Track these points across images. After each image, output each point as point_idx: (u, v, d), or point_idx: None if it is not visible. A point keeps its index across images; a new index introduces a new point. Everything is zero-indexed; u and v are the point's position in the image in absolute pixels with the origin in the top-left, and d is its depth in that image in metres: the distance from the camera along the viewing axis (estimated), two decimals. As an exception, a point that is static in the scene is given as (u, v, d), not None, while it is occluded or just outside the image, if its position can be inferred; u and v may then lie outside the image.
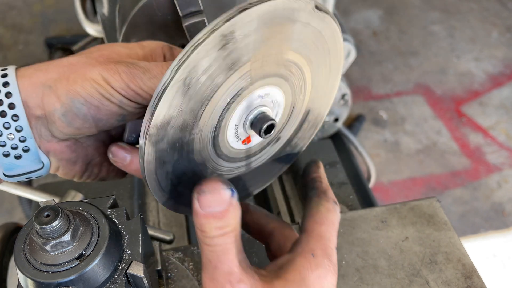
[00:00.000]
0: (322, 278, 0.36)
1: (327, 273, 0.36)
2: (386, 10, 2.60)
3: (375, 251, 0.51)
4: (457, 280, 0.48)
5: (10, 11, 2.56)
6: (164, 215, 0.63)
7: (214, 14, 0.50)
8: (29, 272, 0.32)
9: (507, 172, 1.86)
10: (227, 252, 0.32)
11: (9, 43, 2.36)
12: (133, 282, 0.35)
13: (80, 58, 0.37)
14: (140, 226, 0.37)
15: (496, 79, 2.24)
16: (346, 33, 0.97)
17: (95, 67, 0.36)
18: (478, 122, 2.04)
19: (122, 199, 0.58)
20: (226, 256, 0.32)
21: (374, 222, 0.54)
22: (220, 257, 0.32)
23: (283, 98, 0.40)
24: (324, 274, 0.36)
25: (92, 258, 0.33)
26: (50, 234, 0.31)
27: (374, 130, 2.01)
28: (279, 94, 0.39)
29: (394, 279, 0.48)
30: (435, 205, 0.56)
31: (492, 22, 2.53)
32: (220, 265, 0.32)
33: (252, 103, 0.37)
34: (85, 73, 0.36)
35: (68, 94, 0.35)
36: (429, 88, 2.19)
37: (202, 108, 0.34)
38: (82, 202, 0.37)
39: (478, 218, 1.72)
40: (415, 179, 1.83)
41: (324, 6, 0.36)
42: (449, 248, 0.51)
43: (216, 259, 0.32)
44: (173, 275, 0.49)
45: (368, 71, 2.26)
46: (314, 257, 0.36)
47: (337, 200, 0.63)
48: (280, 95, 0.39)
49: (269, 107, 0.38)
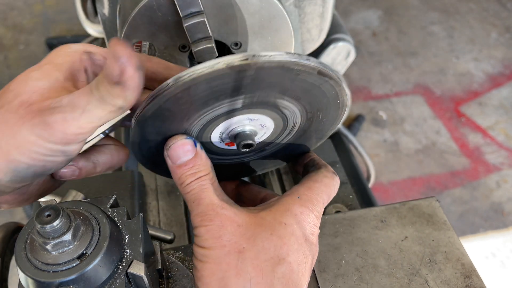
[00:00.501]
0: (304, 214, 0.39)
1: (310, 212, 0.39)
2: (386, 11, 2.60)
3: (375, 250, 0.51)
4: (456, 279, 0.48)
5: (11, 11, 2.56)
6: (164, 215, 0.63)
7: (215, 15, 0.50)
8: (30, 271, 0.32)
9: (506, 172, 1.86)
10: (205, 190, 0.37)
11: (9, 43, 2.36)
12: (133, 281, 0.35)
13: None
14: (140, 225, 0.38)
15: (495, 79, 2.24)
16: (345, 33, 0.97)
17: (23, 126, 0.32)
18: (477, 122, 2.05)
19: (123, 198, 0.58)
20: (205, 193, 0.37)
21: (374, 222, 0.54)
22: (200, 195, 0.37)
23: (272, 124, 0.43)
24: (307, 212, 0.39)
25: (93, 258, 0.33)
26: (51, 233, 0.32)
27: (373, 130, 2.01)
28: (269, 121, 0.42)
29: (393, 279, 0.48)
30: (434, 205, 0.56)
31: (492, 22, 2.54)
32: (202, 200, 0.37)
33: (240, 122, 0.41)
34: (15, 136, 0.32)
35: (9, 165, 0.33)
36: (429, 88, 2.19)
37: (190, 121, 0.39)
38: (83, 202, 0.37)
39: (478, 217, 1.72)
40: (415, 179, 1.84)
41: (328, 71, 0.38)
42: (448, 247, 0.51)
43: (197, 198, 0.37)
44: (174, 274, 0.49)
45: (367, 71, 2.26)
46: (299, 199, 0.40)
47: (337, 200, 0.63)
48: (270, 121, 0.42)
49: (256, 129, 0.42)
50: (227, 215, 0.37)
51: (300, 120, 0.43)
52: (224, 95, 0.37)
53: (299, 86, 0.38)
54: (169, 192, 0.66)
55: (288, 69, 0.35)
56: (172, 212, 0.63)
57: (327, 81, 0.39)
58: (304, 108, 0.42)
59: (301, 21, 0.63)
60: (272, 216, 0.38)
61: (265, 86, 0.37)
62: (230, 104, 0.38)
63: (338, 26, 0.97)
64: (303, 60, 0.35)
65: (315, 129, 0.46)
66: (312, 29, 0.64)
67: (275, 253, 0.36)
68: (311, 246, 0.39)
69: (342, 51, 0.97)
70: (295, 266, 0.37)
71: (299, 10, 0.61)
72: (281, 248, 0.36)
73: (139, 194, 0.60)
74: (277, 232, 0.37)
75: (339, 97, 0.42)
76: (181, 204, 0.65)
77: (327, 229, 0.53)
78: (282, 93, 0.39)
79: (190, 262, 0.51)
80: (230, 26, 0.52)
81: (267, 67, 0.34)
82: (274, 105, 0.40)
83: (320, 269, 0.49)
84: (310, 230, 0.39)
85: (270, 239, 0.37)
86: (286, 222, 0.38)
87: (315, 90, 0.39)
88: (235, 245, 0.36)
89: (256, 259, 0.36)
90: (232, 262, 0.35)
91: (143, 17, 0.48)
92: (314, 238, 0.40)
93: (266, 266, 0.36)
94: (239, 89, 0.36)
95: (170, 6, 0.47)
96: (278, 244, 0.37)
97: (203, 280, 0.36)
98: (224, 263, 0.35)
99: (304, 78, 0.37)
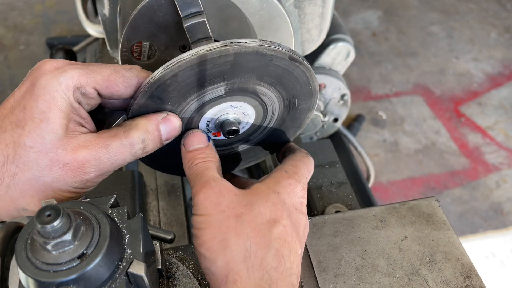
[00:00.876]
0: (293, 186, 0.44)
1: (297, 184, 0.44)
2: (385, 11, 2.60)
3: (374, 250, 0.51)
4: (456, 279, 0.49)
5: (12, 12, 2.56)
6: (164, 215, 0.63)
7: (215, 15, 0.50)
8: (31, 271, 0.32)
9: (506, 172, 1.86)
10: (210, 168, 0.42)
11: (10, 43, 2.36)
12: (134, 281, 0.35)
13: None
14: (141, 225, 0.38)
15: (495, 79, 2.24)
16: (345, 33, 0.97)
17: (63, 182, 0.38)
18: (477, 122, 2.05)
19: (123, 198, 0.58)
20: (209, 170, 0.42)
21: (374, 222, 0.54)
22: (203, 171, 0.42)
23: (253, 112, 0.48)
24: (295, 184, 0.44)
25: (93, 258, 0.33)
26: (51, 233, 0.32)
27: (373, 130, 2.01)
28: (250, 108, 0.47)
29: (393, 278, 0.48)
30: (434, 205, 0.56)
31: (491, 22, 2.54)
32: (205, 174, 0.42)
33: (224, 110, 0.45)
34: (54, 185, 0.38)
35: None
36: (428, 88, 2.19)
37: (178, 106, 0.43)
38: (83, 202, 0.37)
39: (477, 217, 1.72)
40: (414, 178, 1.84)
41: (298, 57, 0.43)
42: (448, 247, 0.51)
43: (201, 173, 0.42)
44: (174, 274, 0.49)
45: (367, 71, 2.27)
46: (286, 173, 0.45)
47: (337, 200, 0.63)
48: (251, 109, 0.47)
49: (239, 116, 0.47)
50: (226, 186, 0.41)
51: (278, 107, 0.48)
52: (208, 82, 0.41)
53: (274, 71, 0.43)
54: (169, 192, 0.66)
55: (262, 55, 0.40)
56: (172, 212, 0.64)
57: (298, 66, 0.43)
58: (281, 95, 0.46)
59: (301, 21, 0.63)
60: (265, 186, 0.42)
61: (244, 72, 0.42)
62: (214, 91, 0.43)
63: (338, 27, 0.97)
64: (275, 46, 0.40)
65: (293, 117, 0.50)
66: (312, 29, 0.64)
67: (271, 217, 0.40)
68: (301, 215, 0.43)
69: (342, 51, 0.97)
70: (289, 229, 0.40)
71: (299, 10, 0.61)
72: (275, 212, 0.40)
73: (139, 194, 0.60)
74: (271, 199, 0.41)
75: (311, 83, 0.46)
76: (181, 204, 0.65)
77: (327, 229, 0.53)
78: (259, 79, 0.43)
79: (190, 262, 0.51)
80: (230, 26, 0.52)
81: (244, 52, 0.39)
82: (254, 92, 0.45)
83: (320, 268, 0.49)
84: (299, 200, 0.44)
85: (265, 205, 0.40)
86: (279, 191, 0.42)
87: (288, 76, 0.44)
88: (233, 210, 0.39)
89: (254, 222, 0.39)
90: (232, 224, 0.38)
91: (143, 17, 0.48)
92: (303, 208, 0.44)
93: (263, 228, 0.39)
94: (221, 75, 0.41)
95: (170, 6, 0.47)
96: (273, 210, 0.40)
97: (205, 245, 0.38)
98: (224, 226, 0.38)
99: (277, 63, 0.42)
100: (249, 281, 0.36)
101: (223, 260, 0.37)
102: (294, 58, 0.42)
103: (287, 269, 0.38)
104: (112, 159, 0.38)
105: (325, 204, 0.62)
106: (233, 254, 0.37)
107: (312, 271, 0.49)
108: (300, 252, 0.41)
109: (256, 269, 0.37)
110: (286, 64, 0.42)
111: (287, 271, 0.38)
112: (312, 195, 0.64)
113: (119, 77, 0.40)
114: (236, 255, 0.37)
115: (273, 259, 0.38)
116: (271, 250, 0.38)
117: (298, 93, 0.47)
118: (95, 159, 0.37)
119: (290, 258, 0.39)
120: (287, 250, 0.39)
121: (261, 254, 0.38)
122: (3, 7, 2.59)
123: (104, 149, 0.38)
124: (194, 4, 0.45)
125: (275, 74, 0.43)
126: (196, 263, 0.51)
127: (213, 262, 0.38)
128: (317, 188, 0.64)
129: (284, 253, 0.39)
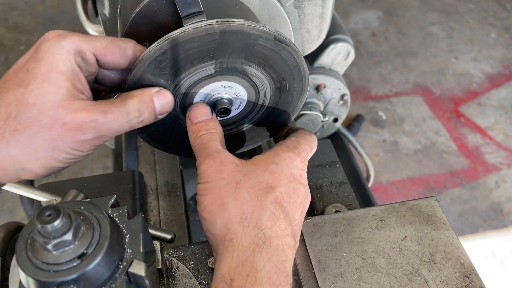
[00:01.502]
0: (292, 158, 0.46)
1: (297, 157, 0.46)
2: (385, 11, 2.61)
3: (374, 250, 0.51)
4: (455, 279, 0.49)
5: (12, 12, 2.56)
6: (165, 215, 0.63)
7: (215, 15, 0.50)
8: (31, 271, 0.32)
9: (506, 172, 1.86)
10: (213, 140, 0.45)
11: (10, 44, 2.36)
12: (134, 281, 0.36)
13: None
14: (141, 225, 0.38)
15: (494, 79, 2.24)
16: (345, 34, 0.97)
17: (63, 143, 0.39)
18: (476, 122, 2.05)
19: (123, 198, 0.58)
20: (212, 142, 0.45)
21: (373, 222, 0.54)
22: (207, 142, 0.45)
23: (245, 93, 0.49)
24: (294, 157, 0.46)
25: (93, 257, 0.33)
26: (51, 233, 0.32)
27: (373, 130, 2.01)
28: (242, 89, 0.49)
29: (393, 278, 0.49)
30: (433, 205, 0.56)
31: (491, 23, 2.54)
32: (208, 146, 0.44)
33: (216, 89, 0.47)
34: (55, 150, 0.39)
35: (56, 166, 0.41)
36: (428, 88, 2.19)
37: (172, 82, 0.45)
38: (83, 202, 0.37)
39: (477, 217, 1.72)
40: (414, 178, 1.84)
41: (283, 37, 0.44)
42: (447, 247, 0.51)
43: (204, 144, 0.45)
44: (174, 274, 0.50)
45: (367, 71, 2.27)
46: (287, 147, 0.47)
47: (337, 199, 0.63)
48: (243, 90, 0.49)
49: (231, 97, 0.49)
50: (228, 156, 0.44)
51: (270, 89, 0.49)
52: (198, 60, 0.43)
53: (261, 52, 0.45)
54: (169, 192, 0.66)
55: (247, 34, 0.42)
56: (172, 212, 0.64)
57: (284, 47, 0.44)
58: (270, 76, 0.48)
59: (301, 21, 0.63)
60: (265, 157, 0.45)
61: (231, 51, 0.44)
62: (204, 69, 0.45)
63: (338, 27, 0.97)
64: (260, 26, 0.42)
65: (285, 100, 0.52)
66: (311, 29, 0.65)
67: (268, 184, 0.42)
68: (300, 185, 0.45)
69: (342, 52, 0.97)
70: (285, 196, 0.43)
71: (299, 10, 0.61)
72: (273, 180, 0.43)
73: (139, 194, 0.60)
74: (270, 169, 0.44)
75: (299, 65, 0.47)
76: (181, 204, 0.65)
77: (326, 228, 0.53)
78: (247, 59, 0.45)
79: (190, 261, 0.51)
80: (230, 27, 0.52)
81: (229, 31, 0.41)
82: (243, 72, 0.47)
83: (320, 268, 0.49)
84: (298, 172, 0.45)
85: (263, 174, 0.43)
86: (278, 162, 0.44)
87: (276, 57, 0.45)
88: (233, 178, 0.42)
89: (251, 188, 0.42)
90: (231, 190, 0.41)
91: (143, 17, 0.48)
92: (303, 180, 0.46)
93: (260, 193, 0.41)
94: (209, 54, 0.43)
95: (170, 6, 0.47)
96: (271, 178, 0.43)
97: (206, 209, 0.41)
98: (224, 191, 0.41)
99: (263, 43, 0.43)
100: (244, 239, 0.39)
101: (222, 221, 0.40)
102: (280, 39, 0.43)
103: (282, 230, 0.41)
104: (109, 124, 0.40)
105: (325, 204, 0.62)
106: (231, 216, 0.40)
107: (312, 271, 0.50)
108: (298, 218, 0.44)
109: (251, 228, 0.40)
110: (272, 45, 0.44)
111: (282, 232, 0.40)
112: (312, 195, 0.64)
113: (116, 46, 0.42)
114: (234, 217, 0.40)
115: (268, 220, 0.40)
116: (266, 212, 0.41)
117: (287, 75, 0.48)
118: (93, 121, 0.39)
119: (286, 220, 0.41)
120: (283, 213, 0.42)
121: (256, 216, 0.40)
122: (3, 7, 2.59)
123: (102, 114, 0.40)
124: (194, 4, 0.45)
125: (262, 55, 0.45)
126: (196, 262, 0.51)
127: (213, 224, 0.41)
128: (317, 188, 0.64)
129: (279, 216, 0.41)
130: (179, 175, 0.69)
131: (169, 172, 0.69)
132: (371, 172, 1.35)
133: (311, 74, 0.97)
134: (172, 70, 0.44)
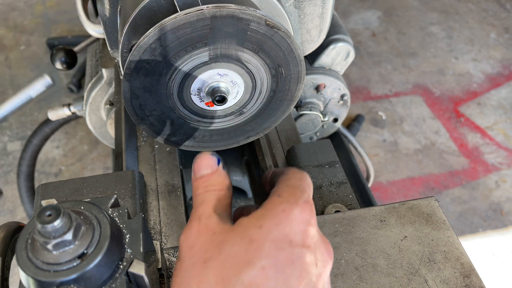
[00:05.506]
0: (286, 212, 0.35)
1: (293, 208, 0.35)
2: (385, 11, 2.61)
3: (374, 250, 0.51)
4: (455, 279, 0.49)
5: (12, 12, 2.56)
6: (165, 214, 0.63)
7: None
8: (31, 271, 0.32)
9: (506, 172, 1.86)
10: (205, 201, 0.39)
11: (11, 43, 2.36)
12: (134, 281, 0.36)
13: None
14: (141, 225, 0.38)
15: (494, 79, 2.24)
16: (345, 34, 0.97)
17: None
18: (476, 122, 2.05)
19: (124, 198, 0.58)
20: (204, 204, 0.39)
21: (373, 222, 0.54)
22: (200, 204, 0.40)
23: (242, 81, 0.49)
24: (290, 209, 0.35)
25: (93, 257, 0.33)
26: (51, 233, 0.32)
27: (373, 130, 2.01)
28: (238, 77, 0.48)
29: (393, 278, 0.49)
30: (433, 205, 0.56)
31: (491, 23, 2.54)
32: (199, 208, 0.39)
33: (212, 77, 0.47)
34: None
35: None
36: (428, 88, 2.19)
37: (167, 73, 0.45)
38: (83, 202, 0.37)
39: (477, 217, 1.72)
40: (414, 178, 1.84)
41: (275, 22, 0.44)
42: (447, 247, 0.51)
43: (198, 205, 0.40)
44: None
45: (367, 71, 2.27)
46: (279, 197, 0.37)
47: (337, 199, 0.63)
48: (239, 77, 0.48)
49: (228, 85, 0.48)
50: (208, 224, 0.36)
51: (266, 76, 0.49)
52: (191, 46, 0.44)
53: (254, 37, 0.44)
54: (169, 192, 0.66)
55: (238, 18, 0.42)
56: (172, 212, 0.64)
57: (277, 32, 0.44)
58: (265, 63, 0.47)
59: (301, 21, 0.63)
60: (248, 220, 0.35)
61: (224, 37, 0.43)
62: (198, 56, 0.45)
63: (338, 27, 0.97)
64: (250, 10, 0.42)
65: (283, 88, 0.51)
66: (311, 29, 0.65)
67: (244, 258, 0.33)
68: (301, 248, 0.34)
69: (342, 52, 0.97)
70: (271, 272, 0.32)
71: (298, 11, 0.61)
72: (251, 252, 0.33)
73: (139, 194, 0.60)
74: (249, 235, 0.34)
75: (293, 50, 0.47)
76: (181, 204, 0.65)
77: (326, 228, 0.53)
78: (240, 45, 0.45)
79: (190, 261, 0.51)
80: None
81: (219, 16, 0.41)
82: (237, 59, 0.46)
83: (320, 268, 0.50)
84: (297, 229, 0.34)
85: (239, 244, 0.34)
86: (262, 224, 0.34)
87: (269, 42, 0.45)
88: (203, 254, 0.34)
89: (220, 267, 0.33)
90: (195, 272, 0.34)
91: (143, 18, 0.48)
92: (307, 239, 0.35)
93: (229, 273, 0.32)
94: (202, 40, 0.43)
95: (170, 7, 0.47)
96: (249, 249, 0.33)
97: None
98: (189, 274, 0.34)
99: (255, 28, 0.43)
100: None
101: None
102: (271, 24, 0.43)
103: None
104: None
105: (324, 204, 0.62)
106: None
107: (312, 270, 0.50)
108: None
109: None
110: (264, 30, 0.44)
111: None
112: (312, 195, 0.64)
113: None
114: None
115: None
116: None
117: (282, 61, 0.48)
118: None
119: None
120: None
121: None
122: (3, 7, 2.59)
123: None
124: (194, 4, 0.45)
125: (255, 40, 0.45)
126: (196, 263, 0.51)
127: None
128: (317, 188, 0.64)
129: None
130: (179, 175, 0.69)
131: (169, 172, 0.69)
132: (371, 172, 1.35)
133: (311, 75, 0.97)
134: (167, 58, 0.44)
